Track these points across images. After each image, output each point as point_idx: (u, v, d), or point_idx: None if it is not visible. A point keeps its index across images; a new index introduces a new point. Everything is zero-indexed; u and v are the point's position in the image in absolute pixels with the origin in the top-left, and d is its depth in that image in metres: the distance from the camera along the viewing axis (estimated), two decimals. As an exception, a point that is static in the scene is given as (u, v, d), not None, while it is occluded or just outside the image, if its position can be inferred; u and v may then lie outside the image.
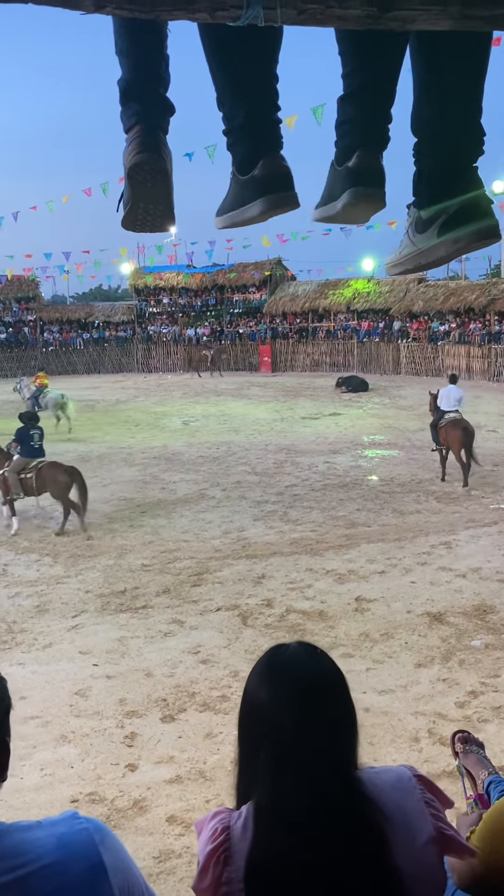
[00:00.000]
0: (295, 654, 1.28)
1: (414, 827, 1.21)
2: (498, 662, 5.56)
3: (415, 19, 0.91)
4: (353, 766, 1.23)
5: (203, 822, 1.27)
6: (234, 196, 1.41)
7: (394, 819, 1.19)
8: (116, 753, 4.57)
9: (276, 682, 1.24)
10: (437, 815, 1.24)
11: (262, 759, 1.21)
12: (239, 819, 1.21)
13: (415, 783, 1.26)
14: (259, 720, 1.24)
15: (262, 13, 0.87)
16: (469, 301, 29.37)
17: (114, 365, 37.05)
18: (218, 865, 1.18)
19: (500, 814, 1.41)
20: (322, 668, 1.27)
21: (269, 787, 1.19)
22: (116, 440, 16.86)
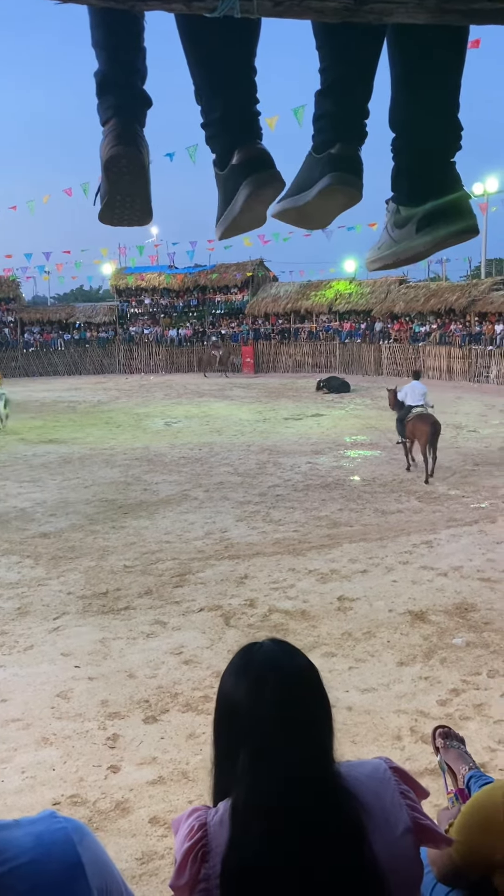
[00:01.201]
0: (269, 652, 1.28)
1: (391, 818, 1.21)
2: (479, 660, 5.59)
3: (392, 12, 0.91)
4: (330, 760, 1.24)
5: (180, 819, 1.26)
6: (222, 195, 1.39)
7: (371, 810, 1.20)
8: (98, 755, 4.54)
9: (253, 680, 1.24)
10: (413, 805, 1.24)
11: (239, 757, 1.21)
12: (215, 816, 1.21)
13: (390, 774, 1.27)
14: (236, 718, 1.24)
15: (239, 4, 0.87)
16: (450, 302, 29.57)
17: (95, 366, 36.91)
18: (195, 863, 1.17)
19: (477, 806, 1.42)
20: (296, 665, 1.27)
21: (247, 784, 1.19)
22: (98, 441, 16.79)
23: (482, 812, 1.39)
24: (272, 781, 1.17)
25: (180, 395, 26.43)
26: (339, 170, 1.31)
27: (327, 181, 1.32)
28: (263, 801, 1.17)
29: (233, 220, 1.37)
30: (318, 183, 1.34)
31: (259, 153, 1.33)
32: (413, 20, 0.94)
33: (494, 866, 1.33)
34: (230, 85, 1.32)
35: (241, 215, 1.36)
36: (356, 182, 1.36)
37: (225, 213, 1.39)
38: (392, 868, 1.17)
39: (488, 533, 8.96)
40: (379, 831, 1.19)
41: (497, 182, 34.42)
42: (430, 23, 0.95)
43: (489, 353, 27.14)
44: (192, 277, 37.76)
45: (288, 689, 1.22)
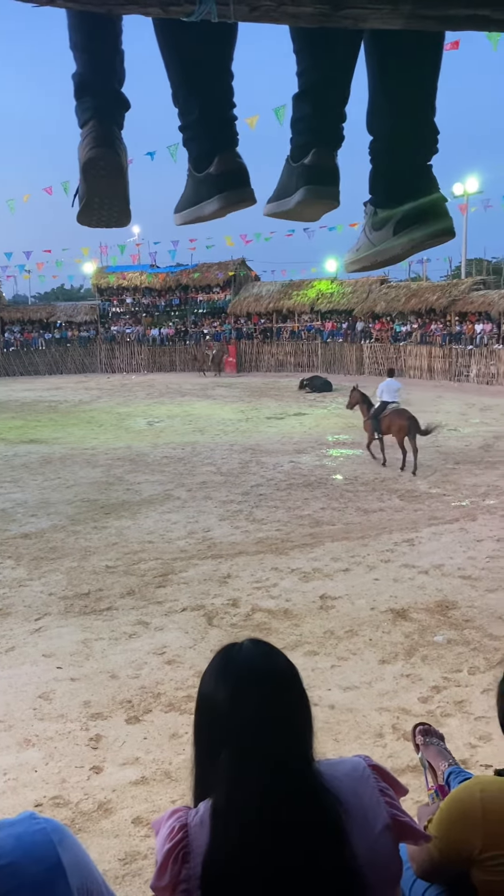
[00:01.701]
0: (248, 653, 1.28)
1: (370, 815, 1.22)
2: (460, 657, 5.63)
3: (367, 18, 0.92)
4: (310, 759, 1.24)
5: (160, 821, 1.27)
6: (191, 193, 1.41)
7: (351, 808, 1.21)
8: (81, 756, 4.52)
9: (233, 681, 1.25)
10: (392, 802, 1.25)
11: (219, 758, 1.21)
12: (196, 816, 1.22)
13: (370, 772, 1.28)
14: (216, 720, 1.24)
15: (216, 9, 0.87)
16: (430, 302, 29.74)
17: (76, 365, 36.74)
18: (176, 864, 1.18)
19: (455, 802, 1.44)
20: (276, 665, 1.28)
21: (227, 785, 1.19)
22: (79, 441, 16.72)
23: (460, 808, 1.40)
24: (252, 782, 1.18)
25: (162, 395, 26.37)
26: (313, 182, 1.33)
27: (302, 194, 1.34)
28: (243, 801, 1.17)
29: (197, 218, 1.40)
30: (294, 195, 1.36)
31: (238, 168, 1.35)
32: (388, 26, 0.95)
33: (472, 861, 1.34)
34: (207, 88, 1.32)
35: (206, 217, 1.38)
36: (331, 192, 1.37)
37: (191, 210, 1.41)
38: (371, 865, 1.18)
39: (469, 531, 9.03)
40: (358, 829, 1.20)
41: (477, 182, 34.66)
42: (406, 28, 0.96)
43: (469, 352, 27.33)
44: (173, 276, 37.69)
45: (266, 690, 1.23)
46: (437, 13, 0.91)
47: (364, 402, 13.89)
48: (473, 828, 1.35)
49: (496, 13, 0.91)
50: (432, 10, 0.91)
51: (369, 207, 1.45)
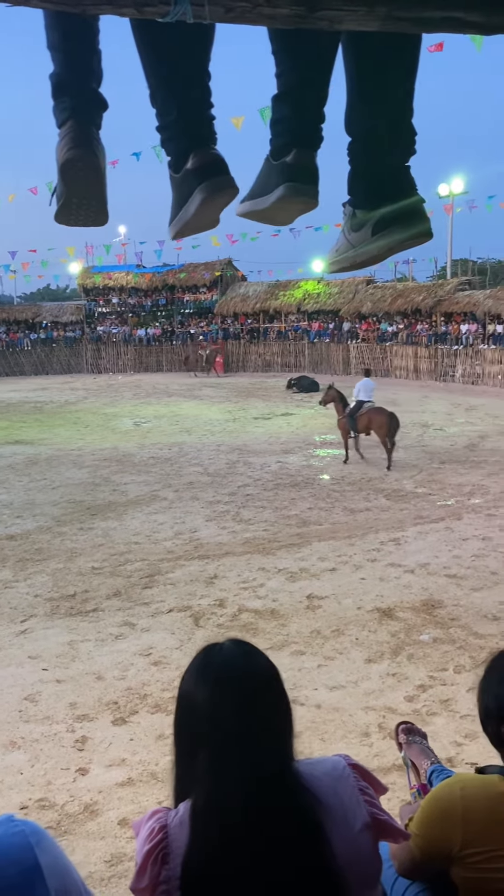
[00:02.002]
0: (229, 653, 1.28)
1: (349, 814, 1.23)
2: (446, 656, 5.66)
3: (342, 19, 0.92)
4: (290, 759, 1.25)
5: (141, 822, 1.26)
6: (176, 197, 1.41)
7: (330, 807, 1.21)
8: (67, 758, 4.51)
9: (213, 682, 1.24)
10: (371, 801, 1.26)
11: (199, 758, 1.21)
12: (175, 817, 1.21)
13: (349, 771, 1.28)
14: (196, 720, 1.24)
15: (191, 10, 0.87)
16: (416, 302, 29.86)
17: (62, 366, 36.59)
18: (156, 865, 1.18)
19: (435, 800, 1.45)
20: (257, 665, 1.27)
21: (207, 785, 1.19)
22: (66, 442, 16.65)
23: (440, 806, 1.41)
24: (231, 782, 1.17)
25: (149, 395, 26.32)
26: (293, 180, 1.33)
27: (282, 192, 1.34)
28: (223, 802, 1.17)
29: (186, 222, 1.39)
30: (274, 192, 1.36)
31: (214, 159, 1.34)
32: (364, 27, 0.96)
33: (452, 859, 1.35)
34: (185, 89, 1.32)
35: (195, 218, 1.37)
36: (311, 191, 1.37)
37: (179, 216, 1.40)
38: (351, 864, 1.18)
39: (454, 530, 9.07)
40: (338, 828, 1.20)
41: (462, 183, 34.87)
42: (382, 30, 0.97)
43: (455, 352, 27.47)
44: (160, 277, 37.62)
45: (247, 691, 1.23)
46: (411, 15, 0.92)
47: (339, 400, 14.13)
48: (453, 825, 1.36)
49: (469, 15, 0.91)
50: (407, 12, 0.91)
51: (348, 209, 1.46)
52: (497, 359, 25.72)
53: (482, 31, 0.95)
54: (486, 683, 1.52)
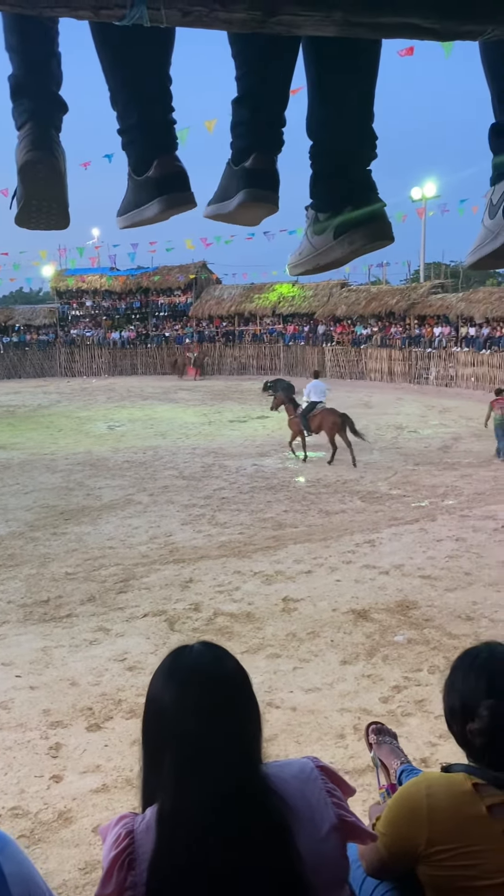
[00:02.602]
0: (197, 656, 1.28)
1: (317, 816, 1.23)
2: (420, 657, 5.70)
3: (299, 24, 0.93)
4: (257, 763, 1.24)
5: (107, 827, 1.26)
6: (132, 196, 1.41)
7: (298, 809, 1.21)
8: (41, 765, 4.46)
9: (180, 684, 1.24)
10: (339, 803, 1.26)
11: (166, 762, 1.20)
12: (142, 822, 1.21)
13: (317, 773, 1.29)
14: (163, 723, 1.23)
15: (147, 14, 0.87)
16: (390, 305, 30.07)
17: (35, 369, 36.27)
18: (122, 870, 1.17)
19: (401, 800, 1.45)
20: (225, 669, 1.27)
21: (173, 789, 1.19)
22: (38, 446, 16.51)
23: (406, 805, 1.42)
24: (196, 786, 1.17)
25: (123, 399, 26.19)
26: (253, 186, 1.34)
27: (242, 197, 1.35)
28: (188, 806, 1.17)
29: (140, 221, 1.40)
30: (234, 197, 1.37)
31: (177, 172, 1.35)
32: (321, 32, 0.96)
33: (418, 857, 1.36)
34: (145, 93, 1.32)
35: (148, 220, 1.38)
36: (271, 196, 1.38)
37: (132, 213, 1.41)
38: (318, 866, 1.19)
39: (429, 531, 9.15)
40: (305, 831, 1.20)
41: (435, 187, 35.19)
42: (339, 35, 0.97)
43: (428, 355, 27.70)
44: (134, 279, 37.46)
45: (213, 693, 1.22)
46: (368, 21, 0.93)
47: (290, 402, 14.70)
48: (419, 824, 1.37)
49: (425, 22, 0.92)
50: (363, 18, 0.92)
51: (310, 212, 1.47)
52: (470, 361, 25.98)
53: (438, 37, 0.97)
54: (450, 683, 1.53)
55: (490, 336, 25.54)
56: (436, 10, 0.91)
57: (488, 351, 25.18)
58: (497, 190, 1.29)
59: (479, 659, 1.49)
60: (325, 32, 0.96)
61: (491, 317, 25.83)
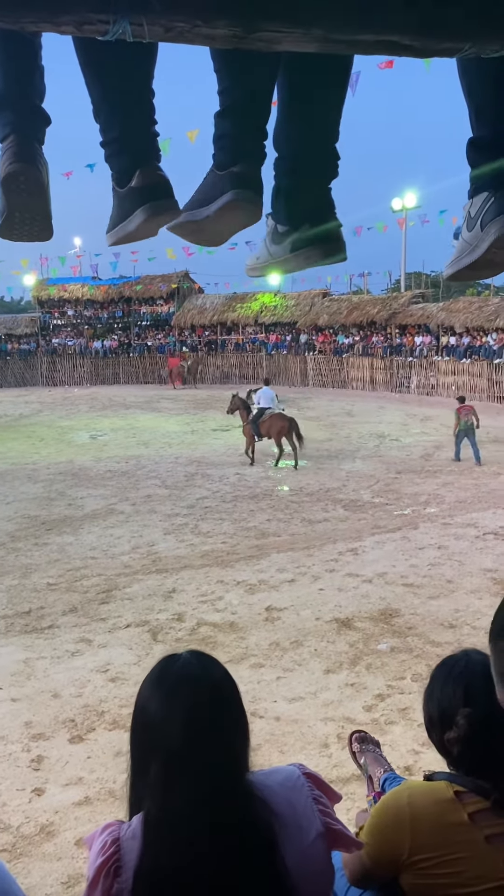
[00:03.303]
0: (186, 665, 1.28)
1: (303, 824, 1.23)
2: (403, 665, 5.71)
3: (280, 41, 0.94)
4: (243, 771, 1.25)
5: (93, 836, 1.25)
6: (117, 210, 1.42)
7: (284, 817, 1.22)
8: (22, 778, 4.42)
9: (167, 692, 1.24)
10: (325, 810, 1.27)
11: (153, 770, 1.20)
12: (128, 830, 1.21)
13: (304, 781, 1.29)
14: (150, 731, 1.24)
15: (130, 29, 0.88)
16: (371, 315, 30.26)
17: (16, 379, 36.04)
18: (108, 878, 1.17)
19: (384, 808, 1.46)
20: (210, 675, 1.28)
21: (160, 796, 1.19)
22: (20, 456, 16.40)
23: (388, 813, 1.42)
24: (183, 794, 1.17)
25: (106, 408, 26.10)
26: (242, 187, 1.36)
27: (230, 196, 1.36)
28: (174, 813, 1.17)
29: (125, 235, 1.41)
30: (220, 198, 1.38)
31: (159, 181, 1.36)
32: (302, 48, 0.98)
33: (401, 866, 1.37)
34: (128, 105, 1.34)
35: (134, 233, 1.39)
36: (257, 200, 1.40)
37: (119, 227, 1.42)
38: (304, 874, 1.19)
39: (411, 539, 9.19)
40: (291, 838, 1.20)
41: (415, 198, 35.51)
42: (319, 51, 0.99)
43: (410, 364, 27.89)
44: (116, 289, 37.41)
45: (201, 702, 1.23)
46: (347, 38, 0.94)
47: (244, 407, 15.41)
48: (402, 833, 1.37)
49: (404, 39, 0.94)
50: (343, 35, 0.94)
51: (270, 222, 1.53)
52: (451, 370, 26.19)
53: (416, 54, 0.99)
54: (429, 692, 1.54)
55: (470, 345, 25.78)
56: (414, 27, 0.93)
57: (468, 360, 25.40)
58: (475, 203, 1.31)
59: (457, 668, 1.50)
60: (306, 49, 0.97)
61: (471, 326, 26.08)
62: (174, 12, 0.88)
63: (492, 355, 24.46)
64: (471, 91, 1.27)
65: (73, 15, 0.87)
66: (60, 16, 0.87)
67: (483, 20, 0.94)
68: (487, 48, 0.99)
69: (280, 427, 14.31)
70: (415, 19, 0.93)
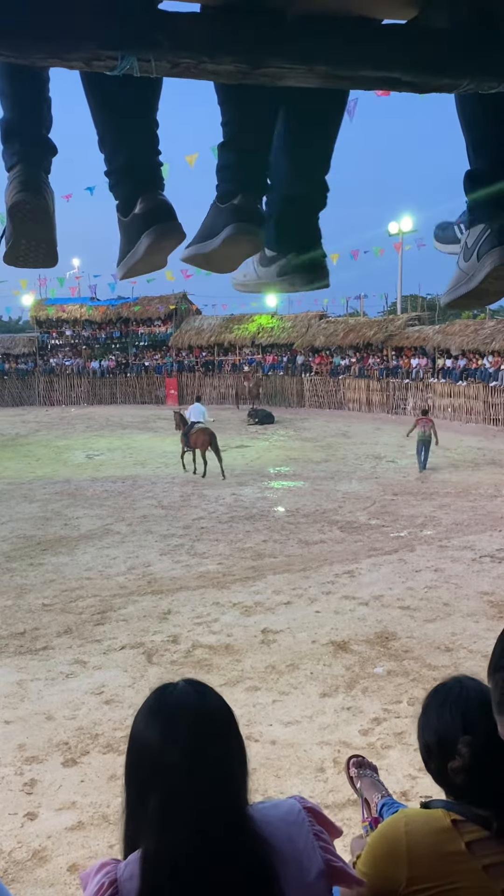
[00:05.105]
0: (182, 694, 1.25)
1: (304, 861, 1.20)
2: (400, 688, 5.68)
3: (284, 76, 0.96)
4: (243, 804, 1.21)
5: (89, 874, 1.22)
6: (124, 240, 1.44)
7: (284, 854, 1.18)
8: (15, 802, 4.37)
9: (163, 722, 1.21)
10: (326, 847, 1.24)
11: (150, 805, 1.17)
12: (125, 870, 1.17)
13: (304, 816, 1.26)
14: (147, 763, 1.20)
15: (137, 65, 0.91)
16: (367, 337, 30.39)
17: (14, 398, 36.06)
18: None
19: (381, 837, 1.44)
20: (209, 707, 1.24)
21: (157, 830, 1.15)
22: (16, 475, 16.37)
23: (385, 843, 1.40)
24: (182, 829, 1.14)
25: (103, 427, 26.10)
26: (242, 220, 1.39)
27: (231, 231, 1.39)
28: (173, 849, 1.13)
29: (134, 264, 1.43)
30: (222, 232, 1.41)
31: (161, 204, 1.39)
32: (305, 84, 1.00)
33: None
34: (132, 136, 1.36)
35: (142, 261, 1.41)
36: (257, 231, 1.44)
37: (127, 257, 1.44)
38: None
39: (407, 561, 9.17)
40: (292, 876, 1.17)
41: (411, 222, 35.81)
42: (322, 86, 1.01)
43: (406, 385, 27.97)
44: (114, 309, 37.55)
45: (199, 733, 1.20)
46: (349, 74, 0.97)
47: (182, 422, 16.99)
48: (399, 863, 1.35)
49: (405, 76, 0.97)
50: (345, 72, 0.96)
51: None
52: (447, 392, 26.27)
53: (417, 90, 1.01)
54: (424, 720, 1.51)
55: (466, 368, 25.88)
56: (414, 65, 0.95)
57: (464, 382, 25.50)
58: (472, 233, 1.34)
59: (451, 695, 1.48)
60: (309, 84, 1.00)
61: (467, 349, 26.20)
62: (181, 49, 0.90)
63: (487, 378, 24.55)
64: (468, 124, 1.30)
65: (83, 52, 0.89)
66: (70, 52, 0.89)
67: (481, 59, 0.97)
68: (485, 85, 1.01)
69: (203, 441, 15.59)
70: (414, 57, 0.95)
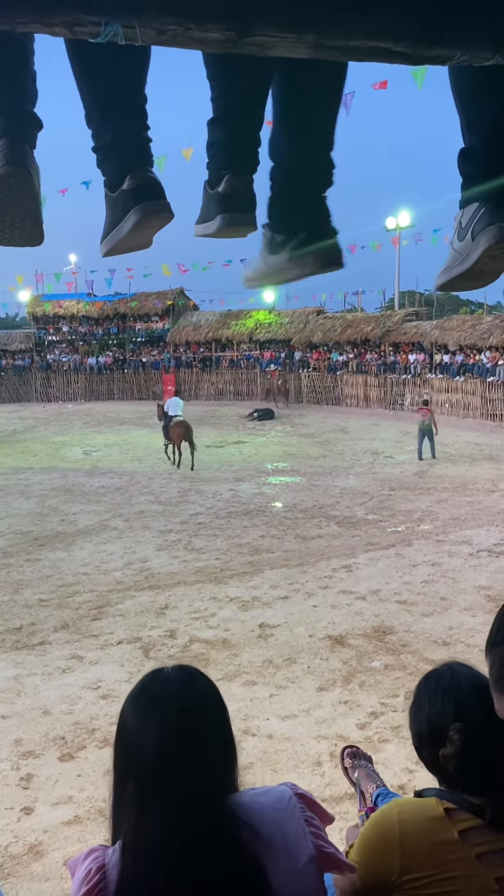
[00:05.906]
0: (168, 679, 1.23)
1: (294, 847, 1.18)
2: (397, 682, 5.67)
3: (273, 45, 0.94)
4: (227, 791, 1.19)
5: (77, 861, 1.20)
6: (109, 216, 1.41)
7: (274, 841, 1.16)
8: (11, 797, 4.36)
9: (144, 706, 1.20)
10: (318, 832, 1.22)
11: (129, 790, 1.15)
12: (114, 856, 1.16)
13: (295, 802, 1.24)
14: (126, 751, 1.19)
15: (122, 31, 0.88)
16: (365, 332, 30.38)
17: (10, 394, 36.01)
18: None
19: (373, 826, 1.43)
20: (194, 691, 1.22)
21: (134, 823, 1.13)
22: (13, 471, 16.35)
23: (377, 832, 1.39)
24: (156, 816, 1.12)
25: (100, 424, 26.08)
26: (229, 210, 1.37)
27: (219, 222, 1.37)
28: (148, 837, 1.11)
29: (118, 241, 1.40)
30: (213, 221, 1.39)
31: (150, 181, 1.36)
32: (294, 54, 0.98)
33: (392, 886, 1.33)
34: (120, 110, 1.33)
35: (127, 238, 1.38)
36: (247, 218, 1.41)
37: (112, 234, 1.41)
38: None
39: (405, 556, 9.16)
40: (281, 863, 1.15)
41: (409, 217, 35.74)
42: (311, 57, 0.99)
43: (403, 381, 27.97)
44: (111, 305, 37.48)
45: (180, 718, 1.17)
46: (339, 43, 0.95)
47: (164, 416, 17.62)
48: (391, 852, 1.34)
49: (396, 46, 0.94)
50: (335, 41, 0.94)
51: (267, 232, 1.52)
52: (444, 388, 26.27)
53: (408, 61, 0.99)
54: (416, 708, 1.49)
55: (463, 363, 25.87)
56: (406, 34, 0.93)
57: (462, 378, 25.49)
58: (466, 213, 1.32)
59: (443, 681, 1.47)
60: (298, 54, 0.98)
61: (464, 344, 26.18)
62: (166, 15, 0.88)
63: (485, 373, 24.54)
64: (462, 102, 1.28)
65: (64, 16, 0.87)
66: (52, 16, 0.87)
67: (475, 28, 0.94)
68: (479, 56, 0.99)
69: (179, 433, 16.38)
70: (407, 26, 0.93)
